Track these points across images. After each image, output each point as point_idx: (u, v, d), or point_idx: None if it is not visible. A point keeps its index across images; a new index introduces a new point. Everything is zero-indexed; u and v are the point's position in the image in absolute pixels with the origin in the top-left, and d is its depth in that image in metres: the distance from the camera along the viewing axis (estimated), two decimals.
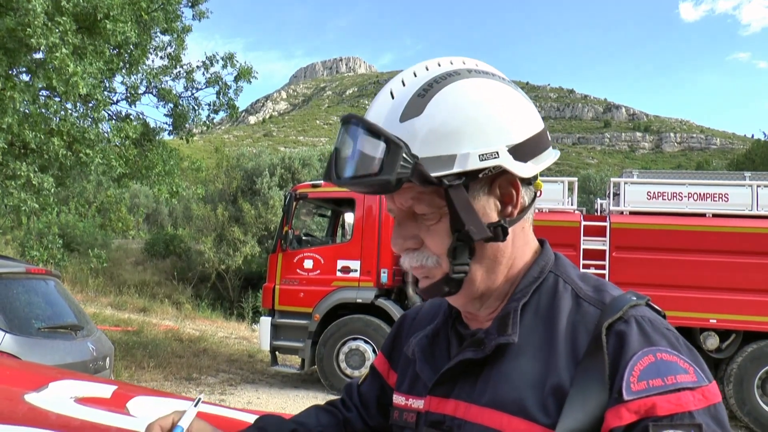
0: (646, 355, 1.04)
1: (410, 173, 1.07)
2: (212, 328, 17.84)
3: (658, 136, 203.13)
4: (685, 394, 1.00)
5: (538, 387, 1.09)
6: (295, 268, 10.90)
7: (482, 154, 1.09)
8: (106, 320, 15.51)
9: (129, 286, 22.52)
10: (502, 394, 1.12)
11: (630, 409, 1.00)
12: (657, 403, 0.99)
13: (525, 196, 1.19)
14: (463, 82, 1.12)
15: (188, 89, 11.65)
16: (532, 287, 1.20)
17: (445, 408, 1.21)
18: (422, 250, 1.18)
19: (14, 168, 9.05)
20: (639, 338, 1.06)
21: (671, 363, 1.03)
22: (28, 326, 5.32)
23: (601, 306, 1.13)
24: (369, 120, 1.11)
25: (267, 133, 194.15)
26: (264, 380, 11.55)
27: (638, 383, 1.01)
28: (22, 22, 7.99)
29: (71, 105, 9.40)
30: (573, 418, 1.03)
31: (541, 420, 1.06)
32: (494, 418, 1.11)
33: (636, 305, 1.12)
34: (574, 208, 10.41)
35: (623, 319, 1.09)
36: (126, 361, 10.98)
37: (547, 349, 1.12)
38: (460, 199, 1.11)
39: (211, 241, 24.30)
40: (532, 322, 1.16)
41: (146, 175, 11.18)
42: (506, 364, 1.14)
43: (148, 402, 1.77)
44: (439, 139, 1.08)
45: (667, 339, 1.07)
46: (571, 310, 1.15)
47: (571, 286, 1.19)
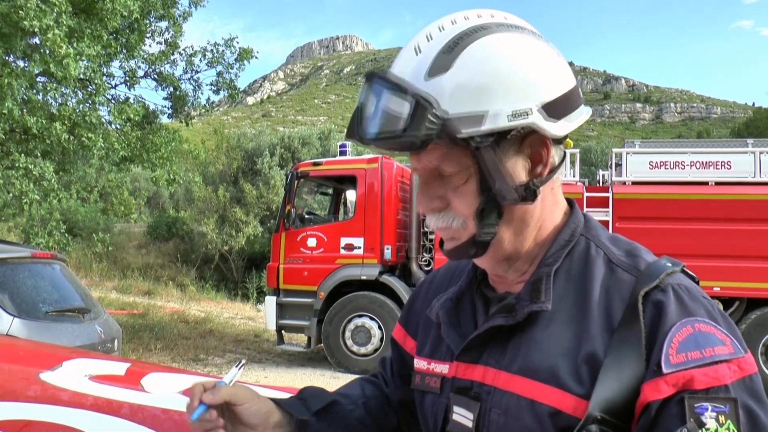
0: (684, 326, 1.01)
1: (437, 132, 1.02)
2: (217, 309, 17.91)
3: (658, 107, 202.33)
4: (722, 366, 0.98)
5: (572, 355, 1.07)
6: (299, 247, 10.92)
7: (513, 112, 1.04)
8: (111, 304, 15.58)
9: (133, 269, 22.59)
10: (534, 361, 1.09)
11: (668, 382, 0.99)
12: (695, 377, 0.98)
13: (555, 155, 1.14)
14: (492, 36, 1.06)
15: (188, 72, 11.62)
16: (563, 251, 1.16)
17: (473, 374, 1.17)
18: (448, 210, 1.14)
19: (13, 159, 9.05)
20: (677, 308, 1.04)
21: (709, 334, 1.01)
22: (35, 310, 5.35)
23: (636, 273, 1.10)
24: (394, 76, 1.07)
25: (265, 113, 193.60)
26: (271, 359, 11.62)
27: (677, 356, 0.99)
28: (15, 5, 7.93)
29: (69, 90, 9.36)
30: (608, 387, 1.02)
31: (575, 389, 1.04)
32: (526, 386, 1.09)
33: (672, 272, 1.09)
34: (576, 180, 10.38)
35: (660, 287, 1.06)
36: (133, 343, 11.04)
37: (580, 317, 1.09)
38: (489, 160, 1.07)
39: (214, 223, 24.31)
40: (563, 288, 1.13)
41: (148, 159, 11.17)
42: (538, 331, 1.11)
43: (162, 378, 1.78)
44: (468, 96, 1.03)
45: (705, 308, 1.05)
46: (605, 277, 1.12)
47: (604, 251, 1.16)
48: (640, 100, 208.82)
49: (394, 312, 10.37)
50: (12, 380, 1.66)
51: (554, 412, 1.05)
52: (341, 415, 1.37)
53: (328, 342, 10.65)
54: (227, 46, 11.48)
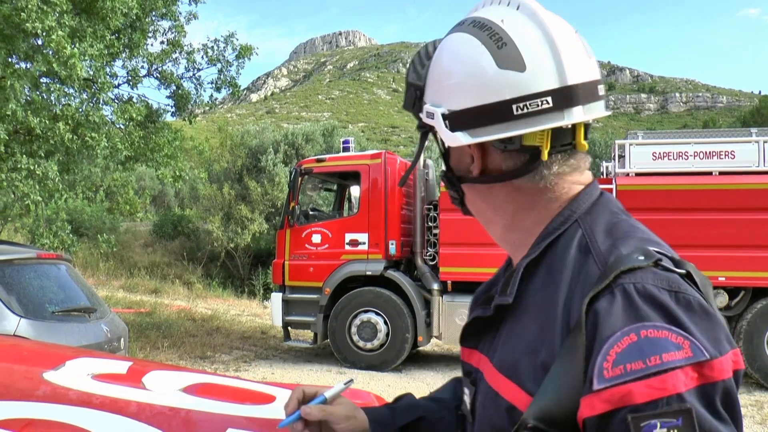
0: (627, 335, 0.91)
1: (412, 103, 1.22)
2: (224, 306, 17.95)
3: (663, 97, 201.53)
4: (672, 375, 0.88)
5: (533, 353, 1.04)
6: (304, 243, 10.94)
7: (428, 112, 1.17)
8: (118, 303, 15.64)
9: (139, 268, 22.65)
10: (503, 355, 1.11)
11: (602, 399, 0.90)
12: (634, 390, 0.88)
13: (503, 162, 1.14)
14: (452, 36, 1.17)
15: (189, 70, 11.64)
16: (543, 243, 1.13)
17: (473, 359, 1.22)
18: None
19: (16, 160, 9.10)
20: (621, 314, 0.94)
21: (659, 340, 0.90)
22: (42, 310, 5.39)
23: (603, 265, 1.02)
24: None
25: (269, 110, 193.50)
26: (278, 356, 11.66)
27: (613, 369, 0.90)
28: (17, 7, 7.96)
29: (73, 90, 9.39)
30: (547, 396, 0.96)
31: (530, 388, 1.02)
32: (496, 379, 1.11)
33: (634, 269, 0.98)
34: None
35: (610, 289, 0.97)
36: (140, 342, 11.09)
37: (545, 312, 1.05)
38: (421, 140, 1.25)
39: (219, 220, 24.35)
40: (540, 281, 1.10)
41: (151, 158, 11.21)
42: (509, 325, 1.12)
43: (163, 376, 1.80)
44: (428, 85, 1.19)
45: (663, 310, 0.93)
46: (576, 267, 1.06)
47: (589, 238, 1.09)
48: (645, 91, 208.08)
49: (399, 307, 10.39)
50: (16, 380, 1.69)
51: (509, 407, 1.06)
52: (427, 428, 1.38)
53: (334, 337, 10.68)
54: (227, 43, 11.49)
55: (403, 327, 10.36)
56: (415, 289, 10.48)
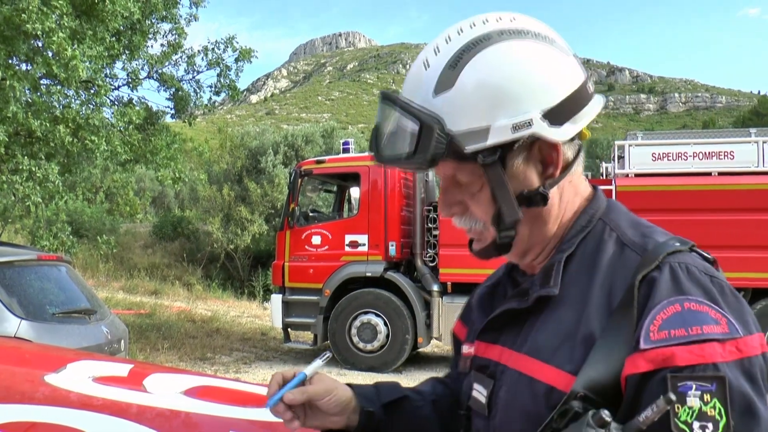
0: (672, 304, 1.02)
1: (445, 151, 1.09)
2: (224, 307, 17.95)
3: (662, 97, 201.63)
4: (711, 345, 0.97)
5: (572, 335, 1.11)
6: (304, 245, 10.95)
7: (515, 124, 1.09)
8: (118, 304, 15.63)
9: (139, 269, 22.64)
10: (539, 342, 1.15)
11: (647, 358, 0.99)
12: (676, 353, 0.97)
13: (568, 151, 1.18)
14: (492, 48, 1.10)
15: (189, 72, 11.64)
16: (578, 238, 1.19)
17: (491, 353, 1.24)
18: (468, 215, 1.21)
19: (17, 162, 9.11)
20: (668, 286, 1.04)
21: (700, 313, 1.00)
22: (42, 312, 5.40)
23: (642, 252, 1.11)
24: (403, 97, 1.12)
25: (269, 111, 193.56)
26: (278, 357, 11.66)
27: (659, 332, 1.00)
28: (18, 8, 7.97)
29: (73, 92, 9.40)
30: (595, 366, 1.04)
31: (569, 367, 1.08)
32: (529, 365, 1.14)
33: (677, 251, 1.09)
34: None
35: (658, 267, 1.07)
36: (140, 343, 11.09)
37: (585, 299, 1.13)
38: (495, 176, 1.12)
39: (219, 222, 24.35)
40: (576, 272, 1.16)
41: (151, 160, 11.22)
42: (546, 315, 1.16)
43: (164, 378, 1.81)
44: (471, 112, 1.09)
45: (703, 288, 1.04)
46: (613, 257, 1.14)
47: (617, 233, 1.17)
48: (645, 91, 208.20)
49: (399, 308, 10.40)
50: (17, 382, 1.69)
51: (548, 389, 1.10)
52: (409, 410, 1.41)
53: (334, 339, 10.68)
54: (227, 45, 11.49)
55: (403, 328, 10.37)
56: (415, 291, 10.48)
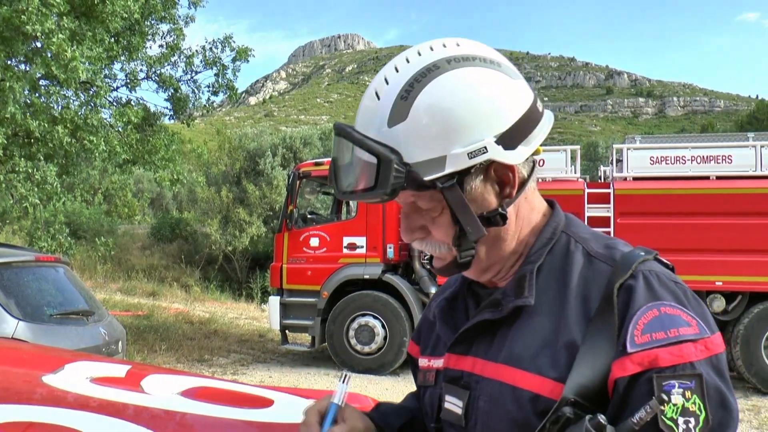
0: (650, 309, 1.09)
1: (403, 181, 1.11)
2: (222, 309, 17.95)
3: (661, 101, 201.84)
4: (686, 345, 1.05)
5: (551, 343, 1.14)
6: (302, 247, 10.96)
7: (470, 152, 1.11)
8: (116, 305, 15.62)
9: (137, 270, 22.60)
10: (517, 351, 1.17)
11: (634, 361, 1.06)
12: (659, 355, 1.04)
13: (522, 170, 1.22)
14: (442, 78, 1.12)
15: (187, 73, 11.64)
16: (545, 249, 1.24)
17: (463, 365, 1.25)
18: (430, 239, 1.23)
19: (14, 163, 9.10)
20: (645, 293, 1.11)
21: (674, 316, 1.08)
22: (40, 313, 5.40)
23: (612, 263, 1.17)
24: (357, 130, 1.14)
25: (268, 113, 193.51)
26: (275, 359, 11.66)
27: (642, 336, 1.06)
28: (17, 9, 7.97)
29: (72, 92, 9.40)
30: (582, 372, 1.09)
31: (552, 374, 1.12)
32: (509, 374, 1.16)
33: (645, 260, 1.16)
34: (577, 176, 10.39)
35: (632, 275, 1.13)
36: (138, 345, 11.08)
37: (560, 307, 1.17)
38: (454, 199, 1.15)
39: (217, 224, 24.34)
40: (545, 282, 1.21)
41: (149, 161, 11.21)
42: (522, 324, 1.19)
43: (161, 379, 1.81)
44: (427, 143, 1.11)
45: (673, 293, 1.12)
46: (583, 268, 1.19)
47: (582, 245, 1.23)
48: (643, 95, 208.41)
49: (397, 311, 10.40)
50: (14, 383, 1.69)
51: (533, 397, 1.13)
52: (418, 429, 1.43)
53: (332, 341, 10.68)
54: (224, 44, 11.48)
55: (400, 330, 10.37)
56: (413, 293, 10.49)
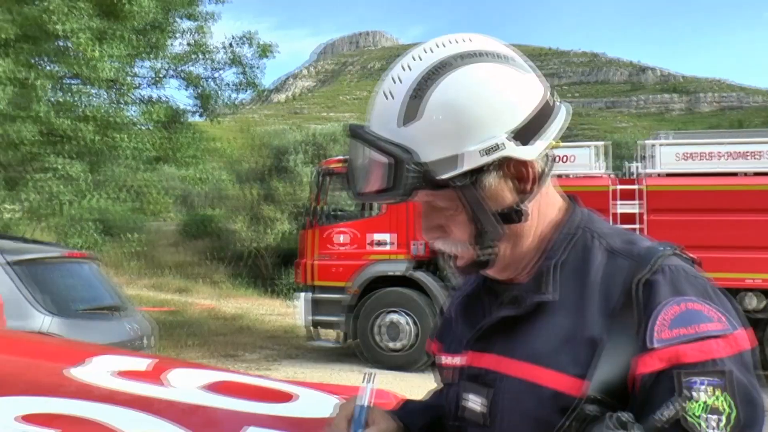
0: (673, 304, 1.06)
1: (419, 181, 1.10)
2: (250, 305, 18.07)
3: (691, 97, 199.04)
4: (711, 341, 1.03)
5: (572, 340, 1.12)
6: (329, 243, 11.01)
7: (485, 149, 1.10)
8: (145, 302, 15.79)
9: (166, 267, 22.85)
10: (537, 348, 1.16)
11: (656, 357, 1.04)
12: (683, 351, 1.02)
13: (539, 165, 1.19)
14: (453, 75, 1.11)
15: (211, 70, 11.70)
16: (565, 245, 1.22)
17: (483, 362, 1.24)
18: (449, 238, 1.22)
19: (46, 161, 9.24)
20: (667, 288, 1.08)
21: (698, 312, 1.05)
22: (69, 308, 5.48)
23: (633, 258, 1.15)
24: (371, 131, 1.13)
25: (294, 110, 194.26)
26: (304, 355, 11.72)
27: (665, 332, 1.04)
28: (44, 9, 8.08)
29: (98, 90, 9.51)
30: (605, 369, 1.07)
31: (574, 371, 1.10)
32: (529, 371, 1.15)
33: (667, 255, 1.14)
34: (604, 172, 10.28)
35: (653, 270, 1.11)
36: (167, 340, 11.18)
37: (580, 303, 1.15)
38: (471, 197, 1.14)
39: (245, 220, 24.52)
40: (566, 278, 1.18)
41: (174, 158, 11.28)
42: (542, 320, 1.17)
43: (184, 373, 1.82)
44: (441, 141, 1.10)
45: (696, 288, 1.09)
46: (604, 263, 1.17)
47: (602, 240, 1.20)
48: (673, 91, 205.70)
49: (423, 307, 10.39)
50: (40, 375, 1.71)
51: (555, 394, 1.11)
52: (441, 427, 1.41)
53: (360, 338, 10.70)
54: (247, 41, 11.50)
55: (427, 327, 10.35)
56: (440, 290, 10.46)
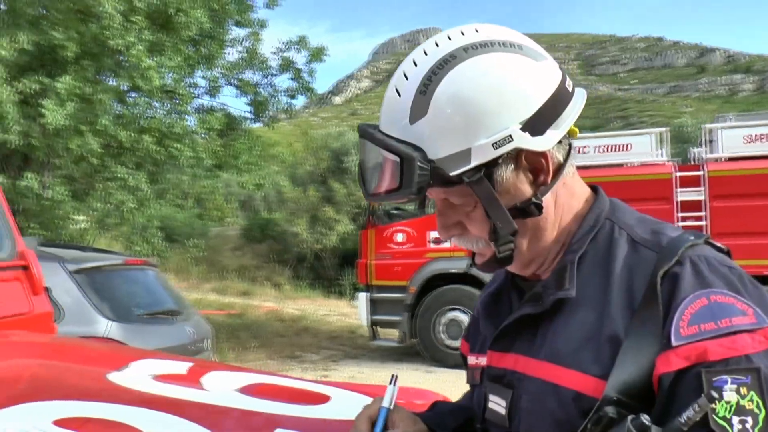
0: (698, 298, 1.00)
1: (428, 179, 1.07)
2: (312, 306, 18.25)
3: (761, 76, 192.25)
4: (741, 337, 0.96)
5: (594, 338, 1.07)
6: (388, 243, 11.03)
7: (495, 142, 1.06)
8: (209, 305, 16.13)
9: (229, 271, 23.29)
10: (558, 347, 1.11)
11: (679, 355, 0.97)
12: (709, 348, 0.96)
13: (557, 154, 1.15)
14: (460, 67, 1.07)
15: (266, 76, 11.85)
16: (588, 238, 1.16)
17: (506, 362, 1.20)
18: (467, 235, 1.19)
19: (113, 171, 9.55)
20: (692, 280, 1.02)
21: (726, 305, 0.99)
22: (129, 314, 5.67)
23: (658, 249, 1.09)
24: (381, 130, 1.11)
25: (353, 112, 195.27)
26: (365, 355, 11.77)
27: (689, 327, 0.98)
28: (103, 26, 8.36)
29: (156, 102, 9.77)
30: (626, 369, 1.01)
31: (595, 371, 1.04)
32: (551, 371, 1.11)
33: (694, 245, 1.07)
34: (666, 160, 10.00)
35: (679, 262, 1.05)
36: (230, 343, 11.39)
37: (603, 299, 1.09)
38: (483, 192, 1.10)
39: (305, 223, 24.81)
40: (589, 273, 1.13)
41: (233, 165, 11.49)
42: (564, 317, 1.13)
43: (221, 376, 1.84)
44: (450, 136, 1.07)
45: (725, 279, 1.02)
46: (627, 256, 1.11)
47: (627, 231, 1.15)
48: (740, 71, 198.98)
49: None
50: (82, 379, 1.76)
51: (576, 395, 1.06)
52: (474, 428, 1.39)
53: (421, 336, 10.69)
54: (299, 45, 11.61)
55: None
56: None
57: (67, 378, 1.76)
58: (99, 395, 1.58)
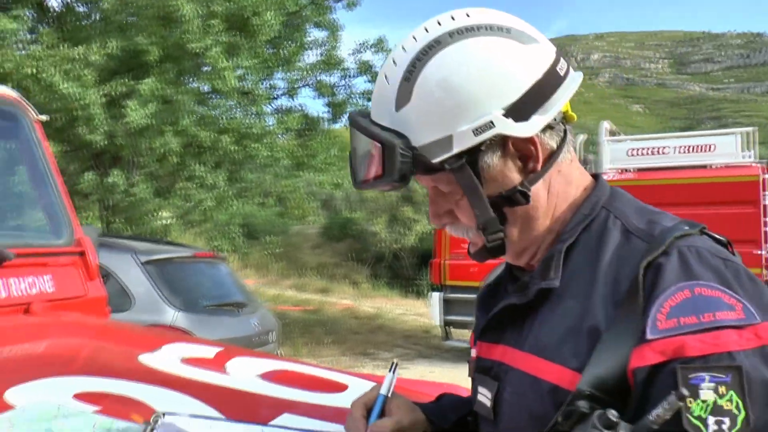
0: (681, 290, 0.95)
1: (411, 166, 1.07)
2: (389, 305, 18.32)
3: None
4: (726, 332, 0.90)
5: (576, 330, 1.04)
6: (462, 243, 10.91)
7: (476, 128, 1.05)
8: (286, 301, 16.44)
9: (309, 268, 23.65)
10: (541, 338, 1.09)
11: (654, 349, 0.93)
12: (687, 343, 0.91)
13: (549, 141, 1.13)
14: (443, 53, 1.07)
15: (343, 78, 11.97)
16: (579, 227, 1.13)
17: (494, 354, 1.18)
18: (458, 223, 1.18)
19: (192, 170, 9.88)
20: (677, 271, 0.97)
21: (712, 299, 0.93)
22: (196, 304, 5.88)
23: (649, 239, 1.04)
24: (369, 118, 1.12)
25: None
26: (438, 355, 11.74)
27: (667, 321, 0.93)
28: (184, 30, 8.67)
29: (234, 102, 10.05)
30: (602, 362, 0.97)
31: (573, 364, 1.01)
32: (533, 363, 1.08)
33: (686, 235, 1.02)
34: (753, 161, 9.55)
35: (665, 252, 1.00)
36: (305, 338, 11.58)
37: (588, 290, 1.05)
38: (465, 181, 1.08)
39: (384, 222, 24.95)
40: (578, 263, 1.10)
41: (309, 164, 11.65)
42: (549, 309, 1.10)
43: (245, 362, 1.90)
44: (432, 123, 1.06)
45: (716, 272, 0.97)
46: (618, 246, 1.07)
47: (622, 221, 1.10)
48: None
49: None
50: (112, 358, 1.85)
51: (553, 389, 1.03)
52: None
53: None
54: (376, 47, 11.68)
55: None
56: None
57: (100, 356, 1.87)
58: (125, 374, 1.66)
